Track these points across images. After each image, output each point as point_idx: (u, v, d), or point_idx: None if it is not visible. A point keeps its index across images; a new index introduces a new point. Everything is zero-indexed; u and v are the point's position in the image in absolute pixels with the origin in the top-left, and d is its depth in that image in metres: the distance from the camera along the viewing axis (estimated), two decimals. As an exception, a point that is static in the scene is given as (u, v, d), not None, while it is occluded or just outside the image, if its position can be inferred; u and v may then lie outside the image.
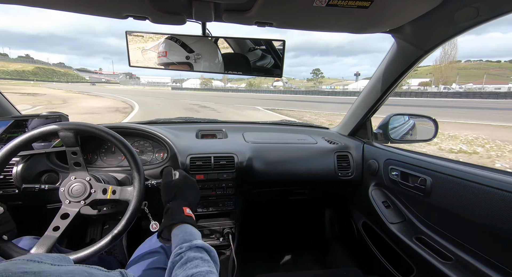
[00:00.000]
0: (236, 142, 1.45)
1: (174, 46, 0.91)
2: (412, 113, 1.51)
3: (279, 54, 0.92)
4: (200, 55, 0.92)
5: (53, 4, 0.79)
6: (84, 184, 0.82)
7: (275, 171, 1.37)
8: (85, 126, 0.84)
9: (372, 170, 1.36)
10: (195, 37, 0.91)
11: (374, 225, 1.34)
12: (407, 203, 1.18)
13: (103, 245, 0.76)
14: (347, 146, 1.53)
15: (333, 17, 0.81)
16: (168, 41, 0.90)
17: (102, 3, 0.76)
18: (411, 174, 1.11)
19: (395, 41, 1.08)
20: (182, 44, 0.91)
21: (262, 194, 1.47)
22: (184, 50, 0.91)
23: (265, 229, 2.04)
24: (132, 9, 0.80)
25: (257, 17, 0.82)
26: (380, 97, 1.32)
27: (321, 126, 1.91)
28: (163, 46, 0.91)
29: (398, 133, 1.49)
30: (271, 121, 1.92)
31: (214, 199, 1.31)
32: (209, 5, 0.76)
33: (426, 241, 1.02)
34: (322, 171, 1.43)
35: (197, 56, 0.92)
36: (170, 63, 0.93)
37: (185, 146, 1.29)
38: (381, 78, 1.25)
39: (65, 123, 0.83)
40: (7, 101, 1.23)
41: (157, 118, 1.71)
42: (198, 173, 1.23)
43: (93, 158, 1.26)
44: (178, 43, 0.90)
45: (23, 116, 1.05)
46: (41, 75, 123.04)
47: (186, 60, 0.92)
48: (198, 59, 0.93)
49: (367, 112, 1.44)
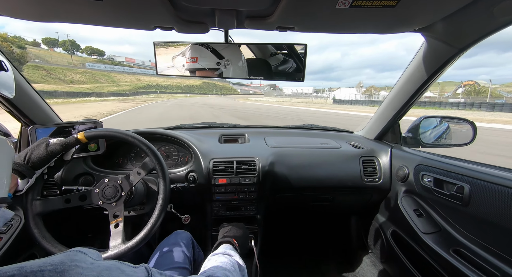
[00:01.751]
0: (258, 146, 1.45)
1: (205, 52, 0.93)
2: (445, 116, 1.41)
3: (301, 58, 0.92)
4: (229, 61, 0.94)
5: (92, 20, 0.86)
6: (115, 186, 0.87)
7: (297, 175, 1.35)
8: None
9: (402, 175, 1.28)
10: (221, 45, 0.93)
11: (405, 235, 1.26)
12: (442, 212, 1.09)
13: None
14: (374, 150, 1.47)
15: (357, 18, 0.79)
16: (199, 47, 0.93)
17: (134, 17, 0.82)
18: (446, 181, 1.03)
19: (425, 40, 1.02)
20: (213, 51, 0.93)
21: (284, 199, 1.46)
22: (215, 56, 0.94)
23: (288, 235, 2.00)
24: (159, 21, 0.84)
25: (279, 22, 0.82)
26: (409, 99, 1.25)
27: (346, 130, 1.85)
28: (193, 52, 0.94)
29: (430, 137, 1.39)
30: (293, 126, 1.90)
31: (236, 203, 1.32)
32: (232, 13, 0.78)
33: (465, 253, 0.93)
34: (346, 176, 1.38)
35: (227, 62, 0.94)
36: (199, 69, 0.96)
37: (208, 150, 1.32)
38: (410, 79, 1.19)
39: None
40: (50, 109, 1.35)
41: (182, 123, 1.78)
42: (220, 177, 1.25)
43: (124, 161, 1.34)
44: (209, 49, 0.93)
45: (64, 123, 1.15)
46: (205, 89, 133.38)
47: (217, 66, 0.95)
48: (228, 65, 0.95)
49: (395, 115, 1.37)
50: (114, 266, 0.36)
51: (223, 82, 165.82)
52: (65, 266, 0.30)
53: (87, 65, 70.34)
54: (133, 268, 0.40)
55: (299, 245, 1.96)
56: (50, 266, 0.30)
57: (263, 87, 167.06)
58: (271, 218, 1.51)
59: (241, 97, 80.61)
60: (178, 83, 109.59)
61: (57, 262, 0.31)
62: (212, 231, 1.34)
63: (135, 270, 0.40)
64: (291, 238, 2.00)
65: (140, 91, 66.45)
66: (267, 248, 1.64)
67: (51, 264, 0.30)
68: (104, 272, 0.33)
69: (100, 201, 0.86)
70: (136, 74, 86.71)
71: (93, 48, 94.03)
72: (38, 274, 0.28)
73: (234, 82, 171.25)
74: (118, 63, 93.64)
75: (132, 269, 0.39)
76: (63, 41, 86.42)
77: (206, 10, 0.78)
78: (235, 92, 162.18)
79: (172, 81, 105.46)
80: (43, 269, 0.29)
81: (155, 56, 0.97)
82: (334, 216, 1.93)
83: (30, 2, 0.71)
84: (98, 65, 73.75)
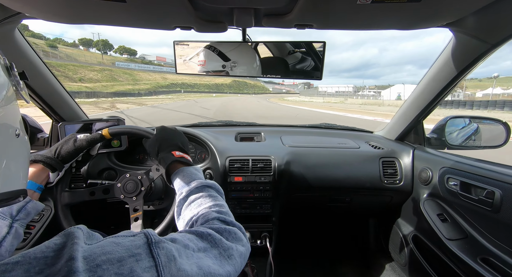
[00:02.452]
0: (274, 145, 1.45)
1: (211, 55, 0.96)
2: (474, 116, 1.33)
3: (320, 56, 0.90)
4: (236, 63, 0.96)
5: (117, 21, 0.90)
6: (136, 181, 0.91)
7: (313, 175, 1.33)
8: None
9: (425, 178, 1.22)
10: (234, 44, 0.94)
11: (427, 240, 1.20)
12: (469, 218, 1.03)
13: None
14: (394, 151, 1.41)
15: (380, 14, 0.76)
16: (207, 50, 0.96)
17: (156, 18, 0.84)
18: (474, 185, 0.97)
19: (453, 36, 0.96)
20: (219, 53, 0.95)
21: (300, 199, 1.44)
22: (220, 59, 0.96)
23: (303, 235, 1.98)
24: (179, 21, 0.86)
25: (297, 19, 0.81)
26: (434, 98, 1.19)
27: (365, 130, 1.80)
28: (203, 55, 0.97)
29: (457, 138, 1.32)
30: (309, 125, 1.87)
31: (252, 201, 1.33)
32: (249, 11, 0.78)
33: (494, 263, 0.88)
34: (365, 177, 1.34)
35: (233, 64, 0.96)
36: (205, 71, 1.00)
37: (225, 148, 1.33)
38: (436, 77, 1.13)
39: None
40: (78, 107, 1.43)
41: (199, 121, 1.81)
42: (236, 175, 1.26)
43: (144, 158, 1.39)
44: (216, 52, 0.95)
45: (90, 120, 1.22)
46: (235, 88, 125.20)
47: (222, 69, 0.97)
48: (234, 67, 0.97)
49: (419, 115, 1.31)
50: (107, 241, 0.36)
51: (254, 80, 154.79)
52: (65, 249, 0.31)
53: (116, 64, 70.19)
54: (131, 237, 0.39)
55: (315, 246, 1.94)
56: (52, 252, 0.31)
57: (296, 86, 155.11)
58: (286, 217, 1.51)
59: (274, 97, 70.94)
60: (206, 82, 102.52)
61: (60, 246, 0.32)
62: None
63: (132, 238, 0.38)
64: (306, 239, 1.98)
65: (161, 91, 64.32)
66: (282, 247, 1.64)
67: (54, 249, 0.31)
68: (96, 249, 0.33)
69: (122, 195, 0.90)
70: (163, 73, 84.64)
71: (125, 48, 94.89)
72: (41, 261, 0.29)
73: (265, 81, 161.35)
74: (149, 62, 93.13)
75: (129, 239, 0.38)
76: (97, 41, 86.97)
77: (225, 9, 0.79)
78: (267, 91, 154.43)
79: (200, 79, 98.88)
80: (46, 255, 0.30)
81: (174, 56, 1.00)
82: (352, 217, 1.88)
83: (61, 6, 0.76)
84: (128, 64, 73.02)
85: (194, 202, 0.62)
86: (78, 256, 0.30)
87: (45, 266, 0.28)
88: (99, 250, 0.33)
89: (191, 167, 0.75)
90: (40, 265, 0.28)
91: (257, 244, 1.35)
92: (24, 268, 0.27)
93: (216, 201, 0.62)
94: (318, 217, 1.93)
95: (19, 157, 0.44)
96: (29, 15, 0.88)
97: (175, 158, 0.75)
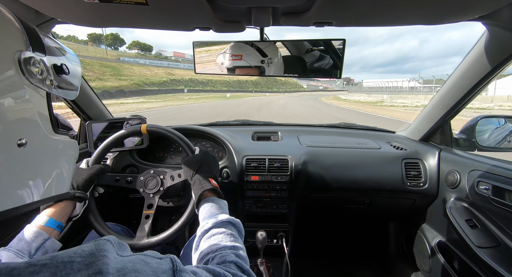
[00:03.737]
0: (291, 144, 1.44)
1: (249, 50, 0.95)
2: (510, 116, 1.23)
3: (339, 54, 0.88)
4: (272, 59, 0.94)
5: (138, 23, 0.94)
6: (157, 180, 0.94)
7: (331, 176, 1.30)
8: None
9: (452, 181, 1.15)
10: (259, 42, 0.94)
11: (454, 247, 1.13)
12: (502, 225, 0.96)
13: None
14: (418, 152, 1.35)
15: (404, 8, 0.73)
16: (243, 45, 0.95)
17: (176, 19, 0.86)
18: (508, 190, 0.90)
19: (487, 30, 0.89)
20: (258, 49, 0.94)
21: (317, 200, 1.42)
22: (259, 54, 0.94)
23: (321, 236, 1.95)
24: (198, 22, 0.88)
25: (316, 17, 0.80)
26: (464, 97, 1.11)
27: (386, 130, 1.73)
28: (237, 50, 0.96)
29: (490, 139, 1.23)
30: (328, 124, 1.84)
31: (268, 200, 1.32)
32: (267, 10, 0.78)
33: None
34: (385, 179, 1.29)
35: (269, 60, 0.94)
36: (241, 66, 0.98)
37: (241, 147, 1.34)
38: (466, 74, 1.06)
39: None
40: (104, 107, 1.51)
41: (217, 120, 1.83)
42: (253, 174, 1.27)
43: (164, 155, 1.44)
44: (254, 48, 0.94)
45: (114, 119, 1.28)
46: (262, 86, 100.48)
47: (261, 64, 0.95)
48: (270, 64, 0.95)
49: (446, 115, 1.23)
50: (137, 258, 0.37)
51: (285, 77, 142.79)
52: (93, 258, 0.32)
53: (121, 59, 58.17)
54: (158, 259, 0.40)
55: (332, 248, 1.90)
56: (80, 257, 0.31)
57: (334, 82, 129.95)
58: (303, 217, 1.49)
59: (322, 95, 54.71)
60: (226, 79, 79.87)
61: (87, 253, 0.32)
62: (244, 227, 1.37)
63: (160, 261, 0.39)
64: (324, 240, 1.94)
65: (149, 89, 42.12)
66: (298, 247, 1.62)
67: (81, 255, 0.32)
68: (128, 264, 0.34)
69: (141, 188, 0.93)
70: (170, 68, 68.39)
71: (139, 43, 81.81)
72: (68, 265, 0.29)
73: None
74: (164, 58, 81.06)
75: (156, 261, 0.39)
76: (106, 35, 75.68)
77: (243, 9, 0.79)
78: (301, 88, 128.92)
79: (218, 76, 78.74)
80: (72, 260, 0.30)
81: (193, 56, 1.02)
82: (371, 220, 1.82)
83: (90, 10, 0.80)
84: (137, 60, 62.47)
85: (216, 236, 0.62)
86: (107, 270, 0.31)
87: (71, 271, 0.29)
88: (131, 266, 0.34)
89: (221, 199, 0.77)
90: (67, 270, 0.29)
91: (273, 243, 1.35)
92: (51, 271, 0.28)
93: (236, 242, 0.62)
94: (336, 218, 1.89)
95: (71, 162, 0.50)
96: (61, 20, 0.94)
97: (211, 186, 0.77)
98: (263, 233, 1.17)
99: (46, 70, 0.42)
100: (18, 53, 0.37)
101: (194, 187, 0.80)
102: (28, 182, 0.38)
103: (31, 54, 0.39)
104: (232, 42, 0.95)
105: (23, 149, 0.36)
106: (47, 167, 0.42)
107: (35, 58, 0.39)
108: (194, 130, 1.41)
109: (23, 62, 0.37)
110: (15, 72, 0.36)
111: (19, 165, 0.36)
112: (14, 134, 0.35)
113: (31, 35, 0.41)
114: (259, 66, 0.95)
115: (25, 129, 0.37)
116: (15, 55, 0.37)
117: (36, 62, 0.40)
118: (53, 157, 0.43)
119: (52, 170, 0.43)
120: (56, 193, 0.43)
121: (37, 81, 0.40)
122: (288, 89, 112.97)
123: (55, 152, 0.44)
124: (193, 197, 0.80)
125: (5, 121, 0.34)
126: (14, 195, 0.36)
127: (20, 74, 0.37)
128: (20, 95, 0.37)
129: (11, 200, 0.35)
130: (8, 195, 0.35)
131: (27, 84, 0.38)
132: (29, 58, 0.38)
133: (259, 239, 1.16)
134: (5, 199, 0.34)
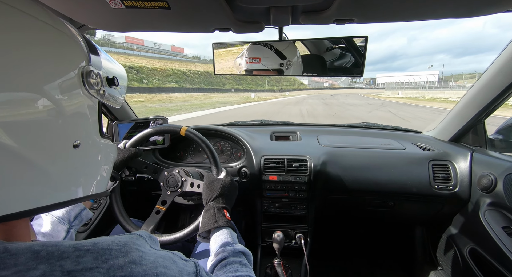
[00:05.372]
0: (310, 144, 1.41)
1: (268, 52, 0.94)
2: None
3: (361, 52, 0.85)
4: (290, 61, 0.93)
5: (161, 27, 0.97)
6: (177, 177, 0.97)
7: (352, 177, 1.26)
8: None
9: (486, 185, 1.07)
10: (277, 42, 0.93)
11: (489, 255, 1.05)
12: None
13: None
14: (447, 153, 1.27)
15: (432, 1, 0.69)
16: (261, 47, 0.95)
17: (196, 21, 0.89)
18: None
19: None
20: (277, 51, 0.93)
21: (337, 201, 1.38)
22: (278, 57, 0.94)
23: (342, 239, 1.90)
24: (218, 23, 0.90)
25: (336, 15, 0.78)
26: (500, 94, 1.03)
27: (412, 130, 1.65)
28: (255, 52, 0.96)
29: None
30: (348, 124, 1.79)
31: (286, 201, 1.32)
32: (286, 9, 0.78)
33: None
34: (411, 182, 1.23)
35: (288, 62, 0.94)
36: (259, 69, 0.97)
37: (260, 147, 1.35)
38: (502, 70, 0.98)
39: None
40: (129, 107, 1.59)
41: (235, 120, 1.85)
42: (271, 174, 1.27)
43: (184, 155, 1.48)
44: (273, 50, 0.94)
45: (139, 119, 1.34)
46: (249, 82, 78.85)
47: (280, 67, 0.94)
48: (289, 66, 0.94)
49: (479, 114, 1.15)
50: (167, 255, 0.41)
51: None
52: (128, 248, 0.36)
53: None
54: (184, 261, 0.43)
55: (353, 251, 1.84)
56: (116, 246, 0.35)
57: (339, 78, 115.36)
58: (323, 219, 1.46)
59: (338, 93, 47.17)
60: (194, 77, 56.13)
61: (122, 243, 0.37)
62: (262, 226, 1.37)
63: (185, 263, 0.43)
64: (344, 242, 1.89)
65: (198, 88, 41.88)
66: (317, 249, 1.59)
67: (118, 244, 0.36)
68: (159, 259, 0.38)
69: (162, 183, 0.97)
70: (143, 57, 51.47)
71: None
72: (107, 252, 0.34)
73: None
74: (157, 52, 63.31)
75: (183, 262, 0.42)
76: None
77: (262, 9, 0.80)
78: (301, 86, 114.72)
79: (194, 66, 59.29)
80: (111, 247, 0.35)
81: (213, 57, 1.04)
82: (395, 224, 1.74)
83: (117, 17, 0.85)
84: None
85: (232, 265, 0.64)
86: (140, 261, 0.35)
87: (109, 257, 0.33)
88: (161, 261, 0.38)
89: (234, 231, 0.79)
90: (106, 255, 0.33)
91: (291, 244, 1.34)
92: (93, 256, 0.32)
93: (249, 272, 0.63)
94: (358, 221, 1.83)
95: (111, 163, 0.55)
96: (91, 27, 1.00)
97: (225, 223, 0.77)
98: (280, 234, 1.17)
99: (101, 82, 0.47)
100: (82, 67, 0.42)
101: (206, 215, 0.79)
102: (77, 180, 0.42)
103: (92, 68, 0.44)
104: (250, 43, 0.96)
105: (77, 150, 0.40)
106: (93, 167, 0.47)
107: (94, 72, 0.44)
108: (214, 130, 1.43)
109: (85, 75, 0.42)
110: (79, 83, 0.41)
111: (72, 164, 0.40)
112: (72, 137, 0.40)
113: (92, 50, 0.46)
114: (279, 69, 0.95)
115: (81, 133, 0.42)
116: (79, 69, 0.42)
117: (94, 75, 0.45)
118: (98, 158, 0.48)
119: (97, 170, 0.48)
120: (97, 192, 0.48)
121: (93, 91, 0.45)
122: (285, 87, 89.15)
123: (100, 154, 0.49)
124: (200, 223, 0.80)
125: (67, 126, 0.38)
126: (65, 191, 0.40)
127: (82, 86, 0.42)
128: (80, 103, 0.41)
129: (63, 194, 0.39)
130: (62, 190, 0.39)
131: (86, 94, 0.43)
132: (90, 71, 0.43)
133: (277, 239, 1.16)
134: (58, 194, 0.38)
